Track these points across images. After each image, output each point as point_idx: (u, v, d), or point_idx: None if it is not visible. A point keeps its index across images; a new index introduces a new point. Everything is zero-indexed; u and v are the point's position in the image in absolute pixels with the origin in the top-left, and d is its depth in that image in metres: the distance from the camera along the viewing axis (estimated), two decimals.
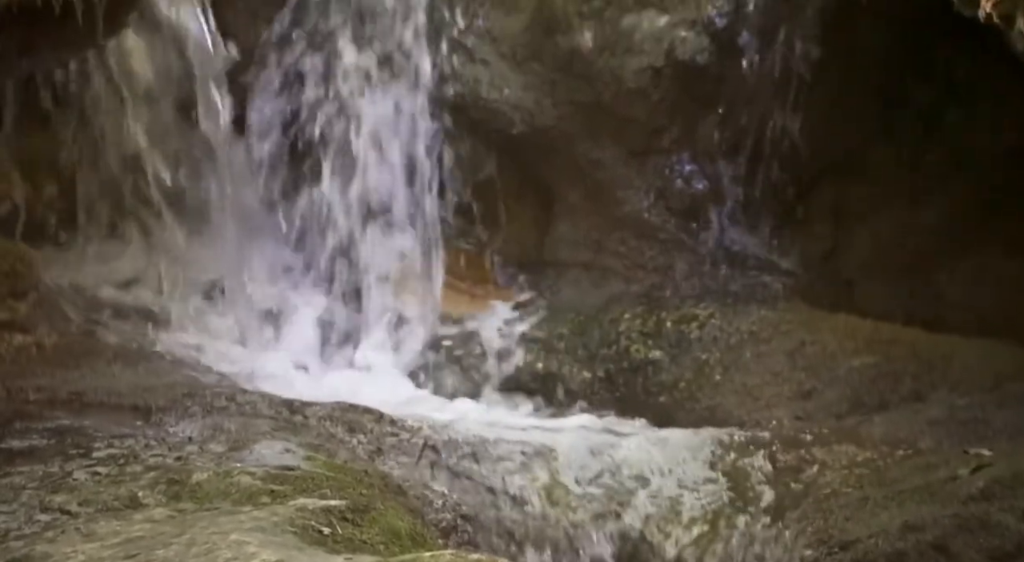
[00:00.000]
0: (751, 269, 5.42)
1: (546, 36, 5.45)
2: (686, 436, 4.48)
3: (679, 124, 5.42)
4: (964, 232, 5.27)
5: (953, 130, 5.32)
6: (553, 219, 5.62)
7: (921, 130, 5.37)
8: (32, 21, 3.98)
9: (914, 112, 5.37)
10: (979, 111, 5.26)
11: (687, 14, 5.28)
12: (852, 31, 5.20)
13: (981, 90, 5.20)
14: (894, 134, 5.39)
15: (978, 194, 5.26)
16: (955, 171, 5.31)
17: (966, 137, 5.29)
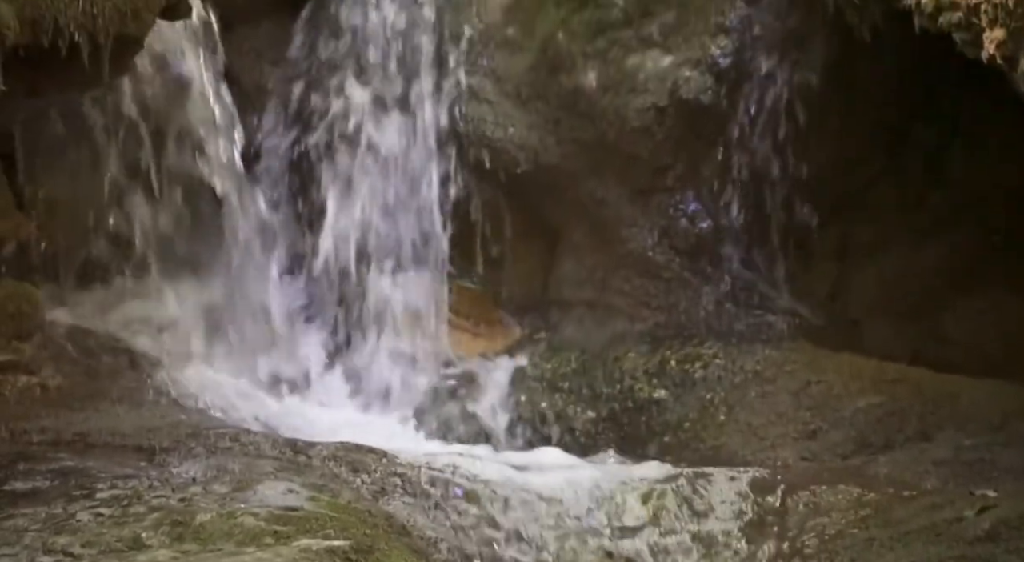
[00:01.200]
0: (756, 308, 5.42)
1: (550, 76, 5.47)
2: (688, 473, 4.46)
3: (683, 162, 5.43)
4: (969, 272, 5.27)
5: (957, 170, 5.33)
6: (557, 257, 5.63)
7: (925, 170, 5.38)
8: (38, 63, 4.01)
9: (918, 152, 5.38)
10: (983, 151, 5.27)
11: (691, 54, 5.31)
12: (855, 71, 5.22)
13: (985, 130, 5.21)
14: (898, 174, 5.40)
15: (983, 234, 5.27)
16: (960, 211, 5.32)
17: (970, 177, 5.30)
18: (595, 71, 5.41)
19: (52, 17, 3.95)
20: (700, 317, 5.42)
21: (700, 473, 4.41)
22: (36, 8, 3.88)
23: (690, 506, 4.28)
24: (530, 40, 5.52)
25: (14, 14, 3.79)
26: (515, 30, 5.55)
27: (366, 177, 5.51)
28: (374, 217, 5.52)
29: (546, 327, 5.57)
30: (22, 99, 4.25)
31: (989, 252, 5.25)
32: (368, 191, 5.51)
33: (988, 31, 3.80)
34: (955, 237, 5.32)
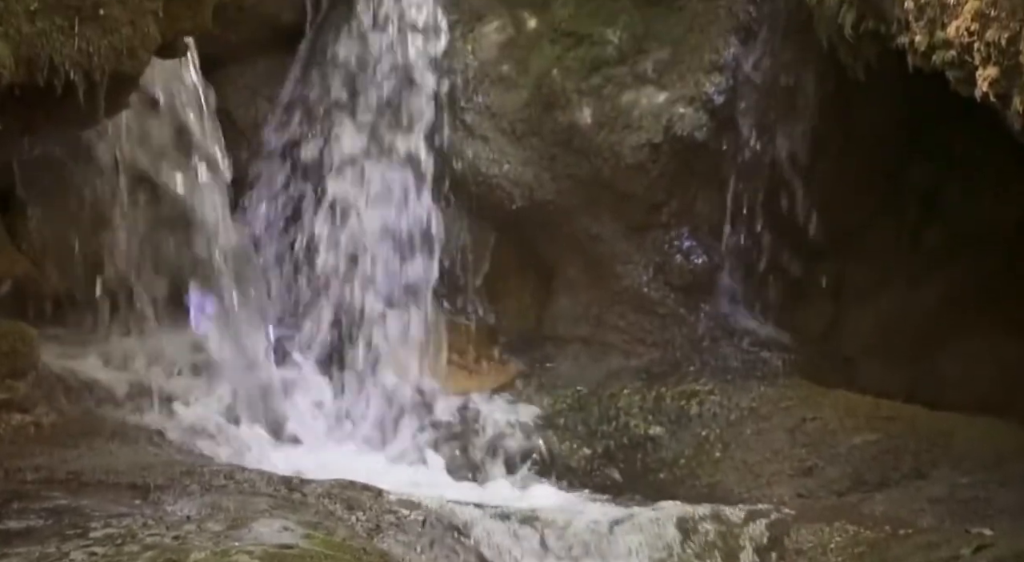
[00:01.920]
0: (751, 345, 5.42)
1: (545, 112, 5.48)
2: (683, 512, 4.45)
3: (678, 199, 5.44)
4: (964, 311, 5.28)
5: (953, 210, 5.35)
6: (553, 294, 5.63)
7: (920, 209, 5.40)
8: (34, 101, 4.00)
9: (913, 191, 5.40)
10: (979, 191, 5.28)
11: (685, 91, 5.32)
12: (849, 109, 5.24)
13: (980, 170, 5.23)
14: (894, 213, 5.41)
15: (978, 274, 5.28)
16: (955, 250, 5.33)
17: (966, 217, 5.32)
18: (590, 108, 5.43)
19: (48, 55, 3.94)
20: (695, 353, 5.42)
21: (696, 510, 4.40)
22: (32, 47, 3.87)
23: (687, 544, 4.27)
24: (525, 77, 5.53)
25: (9, 53, 3.79)
26: (510, 67, 5.57)
27: (359, 213, 5.51)
28: (367, 253, 5.52)
29: (541, 364, 5.56)
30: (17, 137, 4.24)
31: (984, 292, 5.26)
32: (361, 227, 5.51)
33: (981, 69, 3.81)
34: (951, 277, 5.33)
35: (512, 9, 5.62)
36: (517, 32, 5.61)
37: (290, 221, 5.58)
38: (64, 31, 3.98)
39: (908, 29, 4.12)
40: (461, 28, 5.63)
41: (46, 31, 3.93)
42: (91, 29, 4.04)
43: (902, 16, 4.13)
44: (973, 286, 5.28)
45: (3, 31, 3.78)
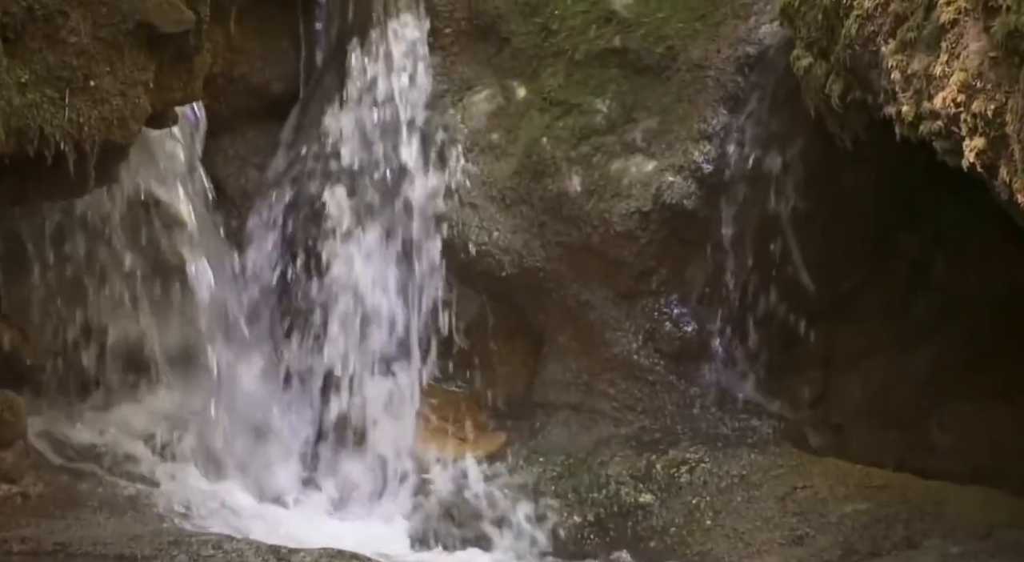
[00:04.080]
0: (741, 412, 5.41)
1: (535, 180, 5.50)
2: None
3: (667, 267, 5.45)
4: (954, 379, 5.28)
5: (941, 278, 5.36)
6: (542, 360, 5.63)
7: (909, 277, 5.41)
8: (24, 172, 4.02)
9: (902, 259, 5.41)
10: (967, 259, 5.29)
11: (674, 159, 5.35)
12: (838, 178, 5.26)
13: (969, 238, 5.24)
14: (883, 280, 5.42)
15: (967, 342, 5.28)
16: (944, 318, 5.33)
17: (954, 285, 5.32)
18: (579, 176, 5.45)
19: (38, 126, 3.97)
20: (686, 421, 5.41)
21: None
22: (22, 118, 3.91)
23: None
24: (514, 145, 5.56)
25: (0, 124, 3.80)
26: (499, 135, 5.60)
27: (349, 281, 5.52)
28: (357, 320, 5.52)
29: (531, 431, 5.55)
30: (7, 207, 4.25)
31: (974, 360, 5.26)
32: (352, 295, 5.51)
33: (968, 140, 3.84)
34: (940, 345, 5.33)
35: (502, 78, 5.66)
36: (507, 101, 5.64)
37: (281, 287, 5.58)
38: (55, 102, 4.01)
39: (895, 100, 4.15)
40: (451, 97, 5.68)
41: (37, 102, 3.97)
42: (82, 100, 4.08)
43: (889, 87, 4.16)
44: (963, 354, 5.28)
45: None
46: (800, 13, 4.64)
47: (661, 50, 5.46)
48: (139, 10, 4.17)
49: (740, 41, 5.35)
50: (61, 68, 4.04)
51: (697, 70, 5.39)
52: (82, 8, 4.06)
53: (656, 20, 5.50)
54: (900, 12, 4.07)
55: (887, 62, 4.14)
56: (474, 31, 5.73)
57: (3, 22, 3.87)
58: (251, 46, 5.48)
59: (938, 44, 3.92)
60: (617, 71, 5.51)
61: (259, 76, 5.58)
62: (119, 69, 4.18)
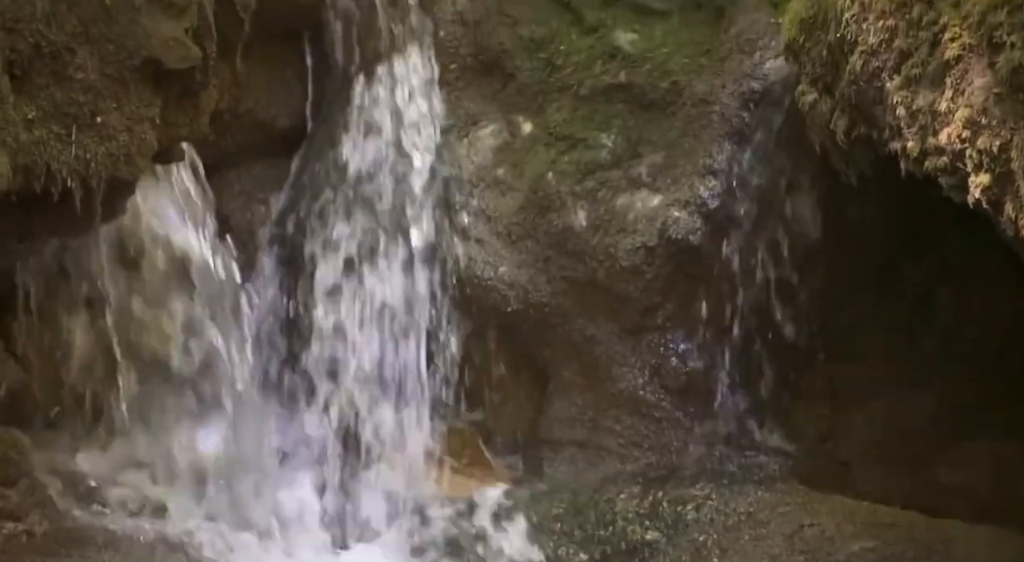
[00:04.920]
0: (748, 449, 5.40)
1: (540, 215, 5.50)
2: None
3: (673, 302, 5.44)
4: (961, 416, 5.26)
5: (947, 314, 5.35)
6: (548, 397, 5.61)
7: (915, 313, 5.40)
8: (31, 208, 4.02)
9: (908, 295, 5.40)
10: (972, 295, 5.29)
11: (680, 194, 5.35)
12: (843, 213, 5.26)
13: (974, 274, 5.23)
14: (888, 316, 5.41)
15: (974, 378, 5.26)
16: (950, 354, 5.32)
17: (960, 321, 5.32)
18: (585, 211, 5.45)
19: (45, 163, 3.97)
20: (692, 457, 5.40)
21: None
22: (29, 155, 3.91)
23: None
24: (520, 180, 5.57)
25: (7, 161, 3.81)
26: (505, 170, 5.60)
27: (356, 318, 5.51)
28: (365, 356, 5.51)
29: (537, 467, 5.53)
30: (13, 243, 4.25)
31: (981, 396, 5.24)
32: (359, 331, 5.51)
33: (973, 176, 3.84)
34: (947, 380, 5.31)
35: (507, 113, 5.67)
36: (512, 136, 5.65)
37: (286, 323, 5.58)
38: (61, 139, 4.01)
39: (900, 135, 4.15)
40: (457, 132, 5.69)
41: (43, 139, 3.97)
42: (88, 136, 4.08)
43: (894, 123, 4.16)
44: (970, 390, 5.26)
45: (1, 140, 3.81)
46: (805, 49, 4.65)
47: (666, 85, 5.47)
48: (145, 46, 4.18)
49: (745, 76, 5.36)
50: (68, 104, 4.04)
51: (702, 105, 5.40)
52: (89, 45, 4.07)
53: (661, 55, 5.51)
54: (904, 48, 4.08)
55: (892, 98, 4.14)
56: (480, 67, 5.74)
57: (10, 59, 3.87)
58: (257, 81, 5.49)
59: (943, 80, 3.92)
60: (622, 106, 5.52)
61: (265, 111, 5.59)
62: (126, 105, 4.18)
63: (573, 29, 5.64)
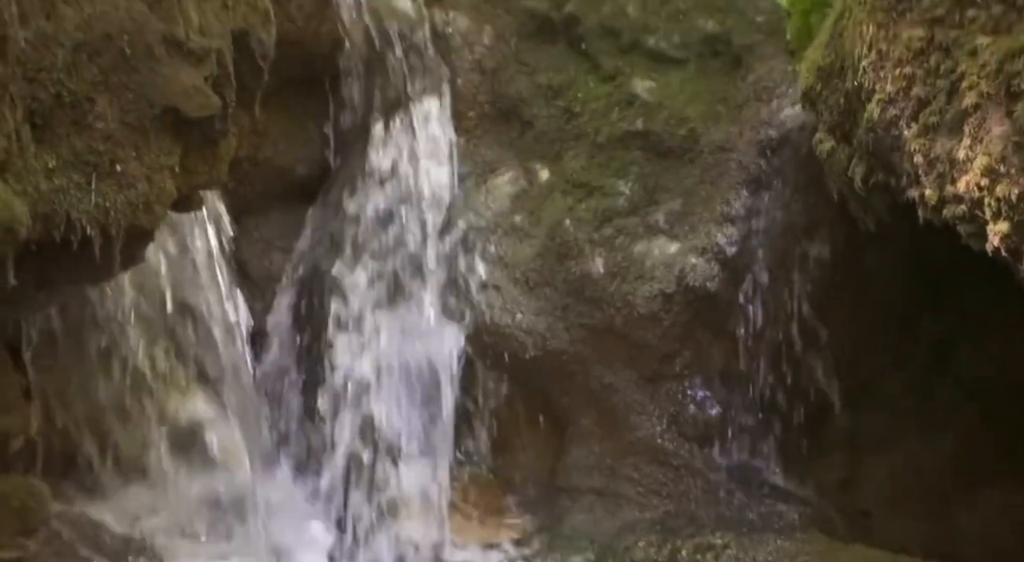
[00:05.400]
0: (767, 497, 5.37)
1: (558, 262, 5.51)
2: None
3: (691, 349, 5.43)
4: (980, 464, 5.24)
5: (965, 362, 5.33)
6: (566, 444, 5.60)
7: (934, 360, 5.38)
8: (50, 256, 4.02)
9: (925, 342, 5.39)
10: (991, 343, 5.28)
11: (697, 241, 5.35)
12: (861, 260, 5.26)
13: (992, 321, 5.22)
14: (907, 364, 5.39)
15: (993, 426, 5.24)
16: (968, 403, 5.31)
17: (978, 369, 5.30)
18: (602, 258, 5.46)
19: (65, 211, 3.97)
20: (711, 505, 5.37)
21: None
22: (49, 203, 3.91)
23: None
24: (537, 227, 5.57)
25: (27, 210, 3.81)
26: (522, 218, 5.61)
27: (373, 366, 5.50)
28: (380, 405, 5.50)
29: (555, 515, 5.51)
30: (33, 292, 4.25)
31: (1000, 444, 5.22)
32: (375, 379, 5.50)
33: (992, 224, 3.83)
34: (965, 429, 5.30)
35: (524, 161, 5.69)
36: (529, 184, 5.66)
37: (304, 370, 5.58)
38: (81, 187, 4.01)
39: (918, 183, 4.14)
40: (474, 179, 5.70)
41: (63, 188, 3.97)
42: (108, 185, 4.08)
43: (911, 170, 4.16)
44: (988, 438, 5.24)
45: (21, 189, 3.82)
46: (822, 97, 4.65)
47: (683, 133, 5.48)
48: (165, 95, 4.19)
49: (762, 124, 5.37)
50: (88, 153, 4.04)
51: (720, 153, 5.41)
52: (109, 94, 4.07)
53: (678, 103, 5.52)
54: (922, 96, 4.08)
55: (910, 146, 4.13)
56: (497, 114, 5.76)
57: (32, 108, 3.88)
58: (276, 129, 5.52)
59: (961, 128, 3.92)
60: (639, 153, 5.53)
61: (284, 159, 5.61)
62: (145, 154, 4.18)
63: (590, 77, 5.66)
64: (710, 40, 5.54)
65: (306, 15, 5.38)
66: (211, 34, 4.29)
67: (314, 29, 5.43)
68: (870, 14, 4.23)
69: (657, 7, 5.61)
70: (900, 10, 4.12)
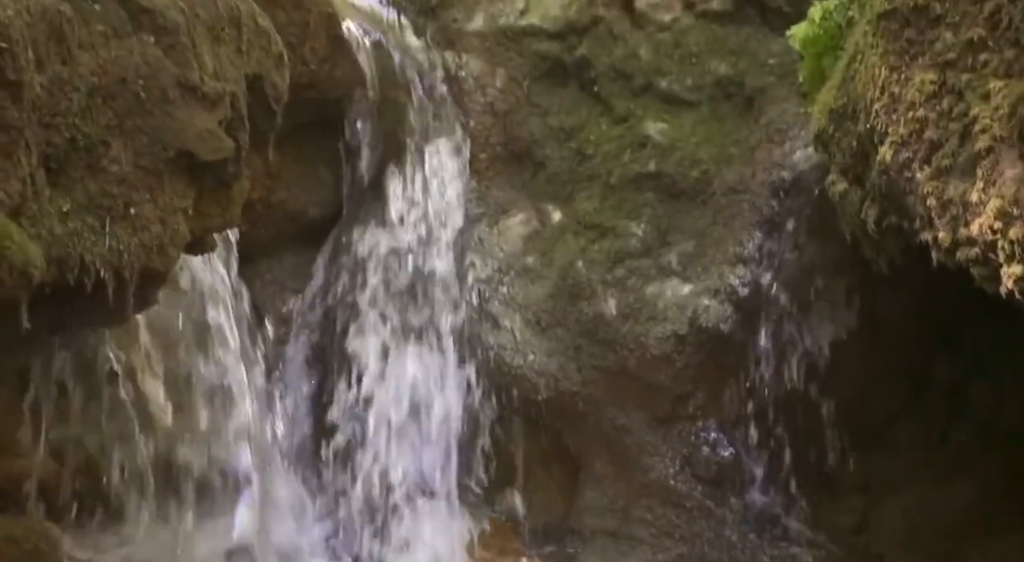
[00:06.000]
0: (780, 539, 5.35)
1: (570, 303, 5.51)
2: None
3: (704, 391, 5.42)
4: (995, 509, 5.21)
5: (980, 406, 5.31)
6: (579, 486, 5.58)
7: (947, 405, 5.36)
8: (63, 299, 4.02)
9: (940, 387, 5.37)
10: (1005, 387, 5.25)
11: (710, 283, 5.35)
12: (875, 303, 5.25)
13: (1007, 366, 5.20)
14: (921, 409, 5.38)
15: (1008, 471, 5.21)
16: (983, 447, 5.28)
17: (993, 413, 5.28)
18: (615, 299, 5.46)
19: (79, 255, 3.97)
20: (724, 548, 5.35)
21: None
22: (63, 247, 3.91)
23: None
24: (550, 269, 5.58)
25: (41, 254, 3.82)
26: (535, 259, 5.61)
27: (386, 408, 5.50)
28: (393, 445, 5.49)
29: (568, 556, 5.49)
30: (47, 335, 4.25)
31: (1014, 489, 5.19)
32: (387, 419, 5.49)
33: (1006, 267, 3.82)
34: (980, 474, 5.27)
35: (537, 202, 5.69)
36: (542, 225, 5.67)
37: (317, 412, 5.57)
38: (95, 230, 4.02)
39: (931, 226, 4.13)
40: (487, 220, 5.70)
41: (78, 231, 3.97)
42: (122, 228, 4.08)
43: (924, 213, 4.15)
44: (1003, 483, 5.21)
45: (36, 232, 3.82)
46: (834, 139, 4.65)
47: (696, 174, 5.49)
48: (179, 139, 4.20)
49: (775, 166, 5.37)
50: (102, 196, 4.05)
51: (732, 194, 5.41)
52: (123, 137, 4.09)
53: (691, 145, 5.53)
54: (935, 139, 4.08)
55: (923, 188, 4.13)
56: (509, 156, 5.78)
57: (47, 153, 3.90)
58: (289, 172, 5.53)
59: (973, 171, 3.92)
60: (652, 195, 5.53)
61: (296, 201, 5.63)
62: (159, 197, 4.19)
63: (603, 119, 5.67)
64: (722, 83, 5.55)
65: (319, 59, 5.41)
66: (225, 78, 4.31)
67: (327, 73, 5.45)
68: (882, 57, 4.23)
69: (669, 50, 5.63)
70: (912, 54, 4.13)
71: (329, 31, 5.43)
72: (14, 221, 3.76)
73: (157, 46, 4.12)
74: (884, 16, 4.24)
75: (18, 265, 3.74)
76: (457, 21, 5.80)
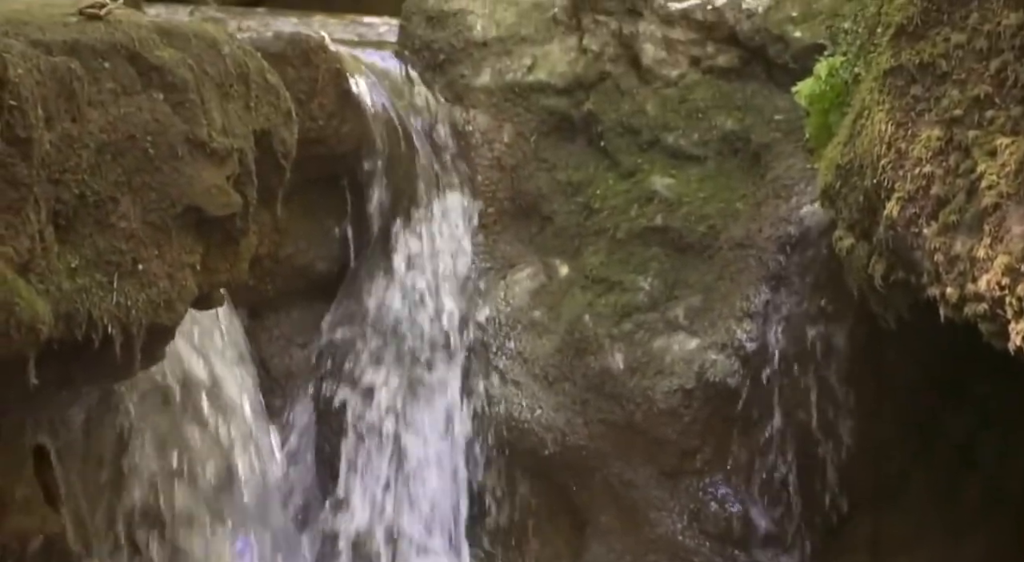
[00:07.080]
0: None
1: (577, 357, 5.51)
2: None
3: (711, 445, 5.41)
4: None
5: (990, 462, 5.29)
6: (586, 541, 5.56)
7: (957, 463, 5.34)
8: (71, 355, 4.03)
9: (949, 444, 5.35)
10: (1016, 443, 5.24)
11: (717, 337, 5.35)
12: (883, 358, 5.24)
13: (1017, 421, 5.19)
14: (931, 465, 5.35)
15: (1018, 528, 5.19)
16: (994, 505, 5.26)
17: (1004, 470, 5.26)
18: (622, 353, 5.46)
19: (87, 311, 3.99)
20: None
21: None
22: (71, 302, 3.93)
23: None
24: (556, 323, 5.58)
25: (49, 309, 3.84)
26: (542, 313, 5.62)
27: (390, 462, 5.49)
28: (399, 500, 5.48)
29: None
30: (54, 391, 4.26)
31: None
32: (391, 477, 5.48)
33: (1014, 323, 3.83)
34: (991, 532, 5.24)
35: (544, 257, 5.71)
36: (549, 279, 5.68)
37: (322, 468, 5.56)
38: (103, 286, 4.04)
39: (939, 281, 4.14)
40: (493, 275, 5.71)
41: (86, 287, 3.99)
42: (130, 283, 4.10)
43: (932, 268, 4.16)
44: (1015, 539, 5.18)
45: (44, 288, 3.84)
46: (841, 195, 4.67)
47: (703, 229, 5.50)
48: (187, 195, 4.22)
49: (782, 221, 5.38)
50: (110, 252, 4.07)
51: (739, 249, 5.42)
52: (132, 193, 4.11)
53: (698, 200, 5.55)
54: (942, 195, 4.10)
55: (930, 244, 4.15)
56: (516, 210, 5.79)
57: (56, 209, 3.92)
58: (297, 227, 5.55)
59: (981, 227, 3.93)
60: (659, 249, 5.54)
61: (304, 256, 5.64)
62: (167, 252, 4.21)
63: (610, 174, 5.69)
64: (729, 138, 5.57)
65: (328, 114, 5.43)
66: (234, 134, 4.33)
67: (335, 128, 5.47)
68: (889, 113, 4.26)
69: (676, 105, 5.66)
70: (919, 110, 4.16)
71: (338, 87, 5.46)
72: (23, 277, 3.78)
73: (166, 103, 4.15)
74: (890, 73, 4.26)
75: (26, 321, 3.76)
76: (465, 76, 5.83)
